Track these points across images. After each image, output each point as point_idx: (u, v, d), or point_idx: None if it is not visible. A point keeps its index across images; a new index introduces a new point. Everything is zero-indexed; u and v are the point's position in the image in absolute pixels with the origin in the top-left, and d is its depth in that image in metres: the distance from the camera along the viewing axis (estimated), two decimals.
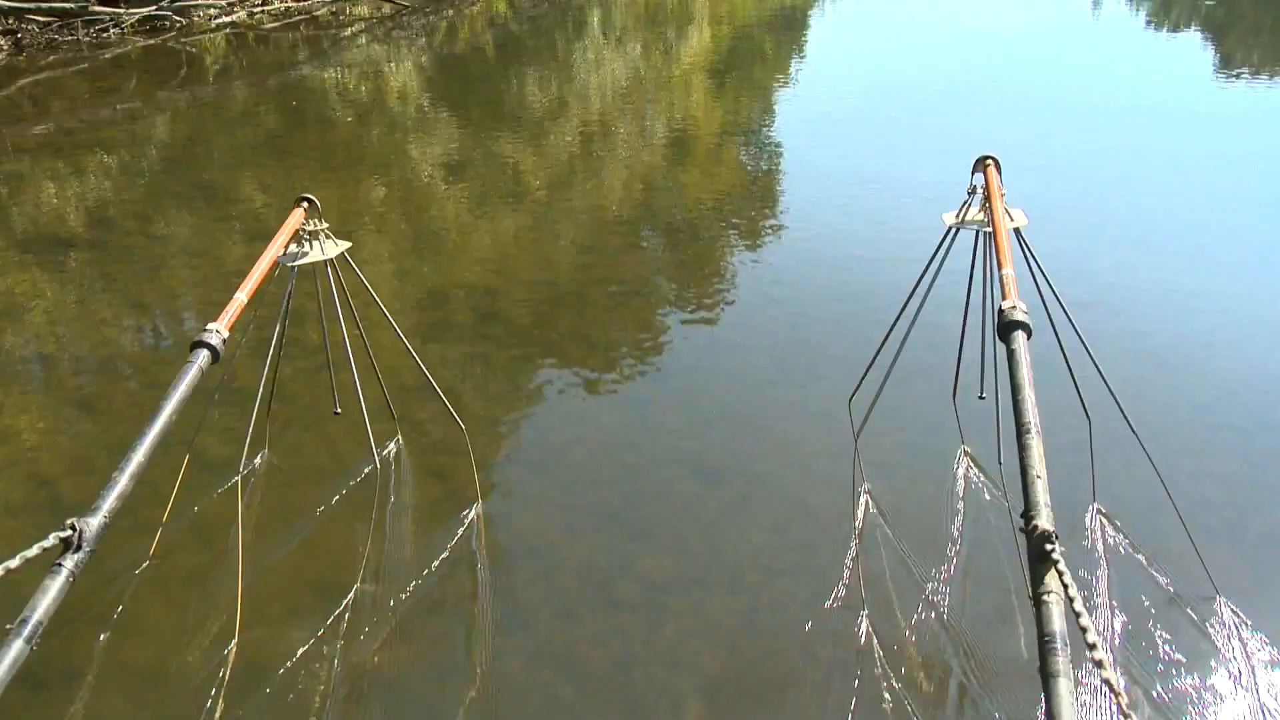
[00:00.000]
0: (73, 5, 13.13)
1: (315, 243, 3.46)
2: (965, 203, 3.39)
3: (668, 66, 12.23)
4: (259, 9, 14.83)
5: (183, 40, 13.40)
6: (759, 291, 5.64)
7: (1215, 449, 4.08)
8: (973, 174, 3.34)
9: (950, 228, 3.45)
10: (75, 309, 5.65)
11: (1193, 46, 13.13)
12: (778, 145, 8.50)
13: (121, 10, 13.58)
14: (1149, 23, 15.12)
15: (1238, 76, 11.04)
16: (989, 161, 3.31)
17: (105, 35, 13.22)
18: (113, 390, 4.81)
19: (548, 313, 5.37)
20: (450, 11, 15.02)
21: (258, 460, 4.03)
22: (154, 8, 13.77)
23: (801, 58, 12.73)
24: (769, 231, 6.51)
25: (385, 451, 4.07)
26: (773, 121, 9.40)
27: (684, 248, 6.26)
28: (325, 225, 3.47)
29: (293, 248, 3.42)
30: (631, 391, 4.64)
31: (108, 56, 12.45)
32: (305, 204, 3.42)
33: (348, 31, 14.27)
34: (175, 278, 6.11)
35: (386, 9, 15.07)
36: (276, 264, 3.27)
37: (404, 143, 9.07)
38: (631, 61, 12.32)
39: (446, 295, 5.62)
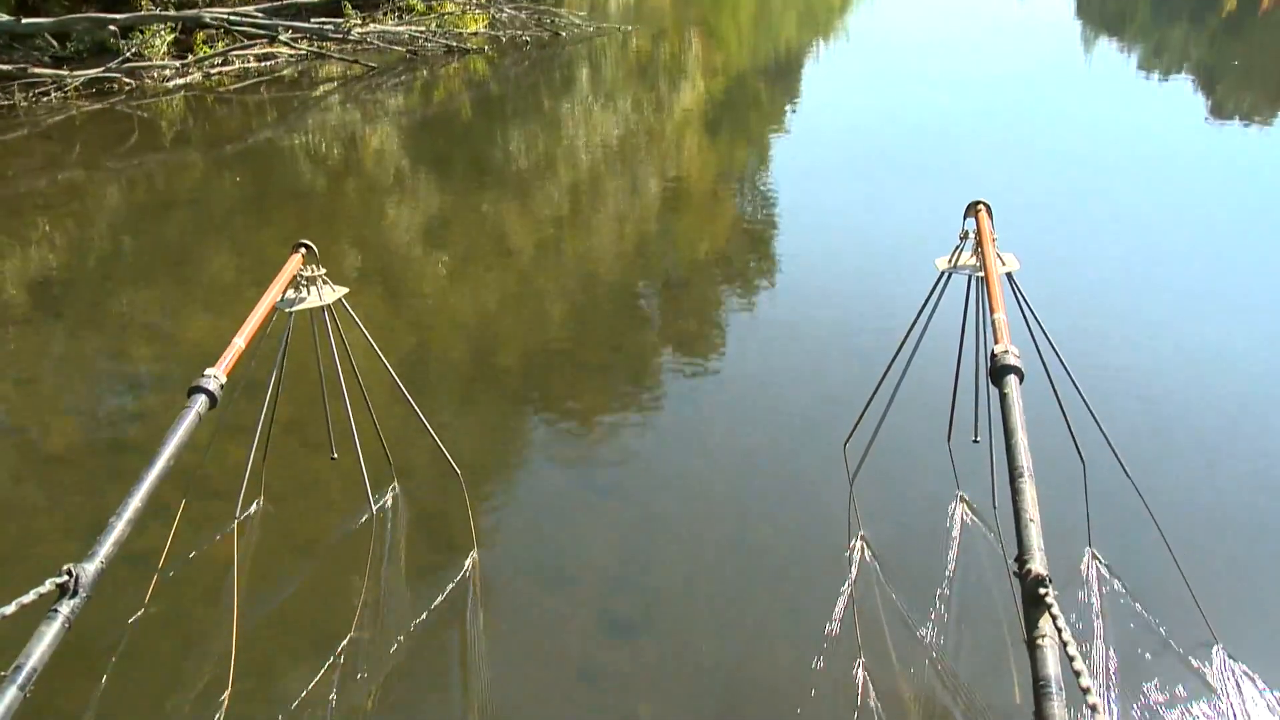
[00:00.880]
0: (10, 68, 12.26)
1: (313, 288, 3.48)
2: (957, 247, 3.43)
3: (660, 120, 12.06)
4: (216, 70, 13.78)
5: (133, 104, 12.26)
6: (752, 336, 5.69)
7: (1212, 493, 4.08)
8: (965, 219, 3.38)
9: (943, 273, 3.48)
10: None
11: (1184, 91, 13.30)
12: (772, 193, 8.56)
13: (65, 72, 12.52)
14: (1140, 68, 15.32)
15: (1229, 121, 11.17)
16: (980, 207, 3.34)
17: (46, 99, 12.09)
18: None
19: (540, 366, 5.39)
20: (425, 71, 14.45)
21: (253, 506, 4.03)
22: (101, 69, 12.72)
23: (795, 105, 12.79)
24: (762, 277, 6.56)
25: (381, 498, 4.08)
26: (767, 169, 9.46)
27: (677, 299, 6.27)
28: (323, 271, 3.49)
29: (290, 293, 3.44)
30: (624, 440, 4.65)
31: (50, 122, 11.46)
32: (303, 249, 3.44)
33: (316, 92, 13.44)
34: (126, 355, 5.80)
35: (356, 69, 14.31)
36: (274, 309, 3.28)
37: (383, 204, 8.75)
38: (622, 116, 12.07)
39: (433, 353, 5.63)
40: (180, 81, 13.26)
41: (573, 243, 7.45)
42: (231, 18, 14.33)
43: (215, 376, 2.69)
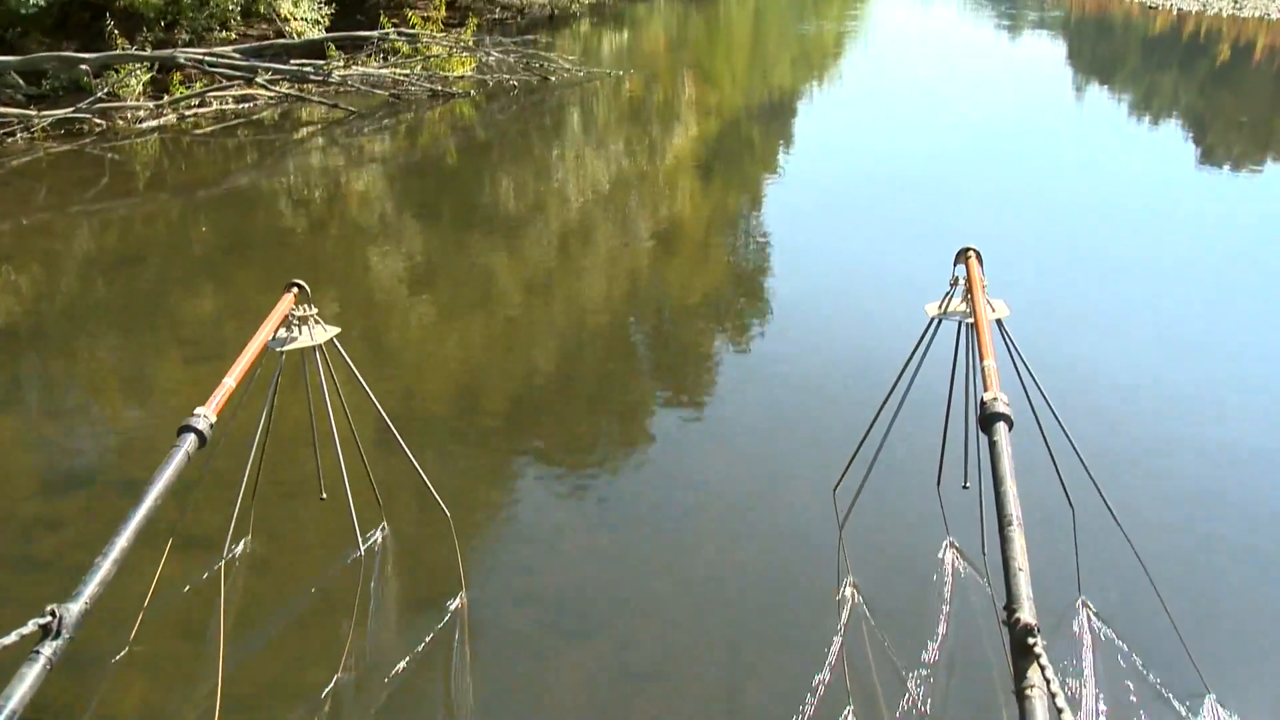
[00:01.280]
0: None
1: (305, 328, 3.49)
2: (948, 294, 3.45)
3: (652, 163, 11.91)
4: (193, 111, 13.26)
5: (104, 146, 11.75)
6: (743, 381, 5.68)
7: (1202, 540, 4.08)
8: (955, 265, 3.41)
9: (933, 319, 3.50)
10: None
11: (1175, 137, 13.45)
12: (764, 237, 8.57)
13: (32, 112, 12.06)
14: (1131, 113, 15.50)
15: (1219, 168, 11.29)
16: (970, 253, 3.37)
17: (11, 140, 11.63)
18: None
19: (529, 409, 5.39)
20: (409, 115, 13.85)
21: (240, 546, 4.01)
22: (70, 110, 12.16)
23: (788, 149, 12.83)
24: (752, 321, 6.56)
25: (370, 538, 4.06)
26: (759, 213, 9.48)
27: (668, 343, 6.29)
28: (315, 310, 3.50)
29: (282, 332, 3.45)
30: (613, 482, 4.63)
31: (15, 164, 10.89)
32: (295, 289, 3.45)
33: (297, 135, 12.91)
34: (87, 411, 5.60)
35: (337, 113, 13.59)
36: (266, 348, 3.29)
37: (366, 250, 8.44)
38: (610, 163, 11.81)
39: (420, 399, 5.60)
40: (154, 123, 12.76)
41: (562, 288, 7.44)
42: (208, 59, 13.90)
43: (205, 416, 2.68)
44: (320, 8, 17.81)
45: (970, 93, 16.91)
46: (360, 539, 3.97)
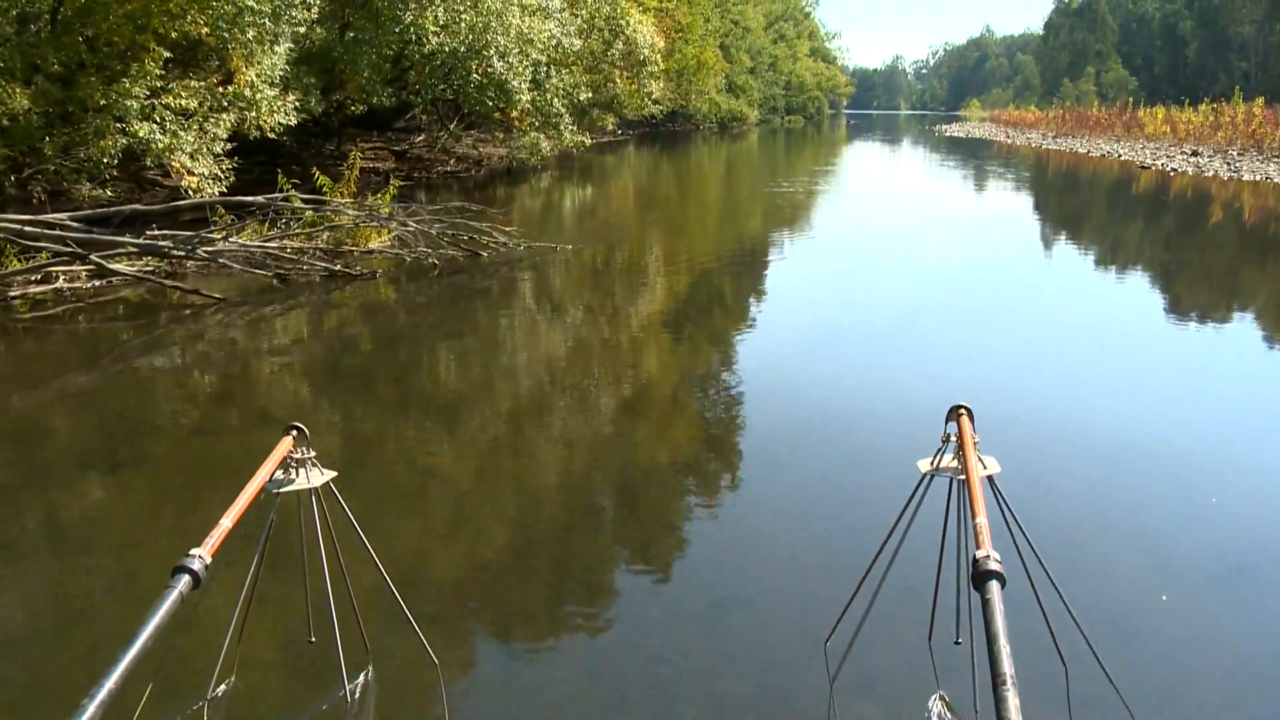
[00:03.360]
0: None
1: (302, 471, 3.54)
2: (939, 450, 3.53)
3: (614, 329, 10.77)
4: (21, 292, 10.69)
5: None
6: (727, 535, 5.62)
7: (1202, 702, 4.03)
8: (946, 423, 3.49)
9: (924, 475, 3.57)
10: None
11: (1142, 288, 13.89)
12: (739, 393, 8.42)
13: None
14: (1097, 266, 16.02)
15: (1191, 319, 11.71)
16: (962, 411, 3.46)
17: None
18: None
19: (508, 577, 5.16)
20: (304, 298, 11.49)
21: (223, 687, 3.94)
22: None
23: (761, 299, 12.79)
24: (726, 483, 6.45)
25: (355, 683, 4.00)
26: (733, 368, 9.34)
27: (637, 511, 6.02)
28: (313, 454, 3.56)
29: (279, 474, 3.50)
30: (597, 640, 4.53)
31: None
32: (294, 432, 3.55)
33: (158, 322, 10.49)
34: None
35: (214, 295, 10.95)
36: (262, 490, 3.32)
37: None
38: (572, 328, 10.60)
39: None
40: None
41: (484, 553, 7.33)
42: (27, 229, 10.89)
43: (200, 556, 2.70)
44: (222, 161, 15.48)
45: (943, 242, 17.46)
46: (347, 684, 3.90)
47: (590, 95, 32.50)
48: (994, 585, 2.37)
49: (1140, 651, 4.35)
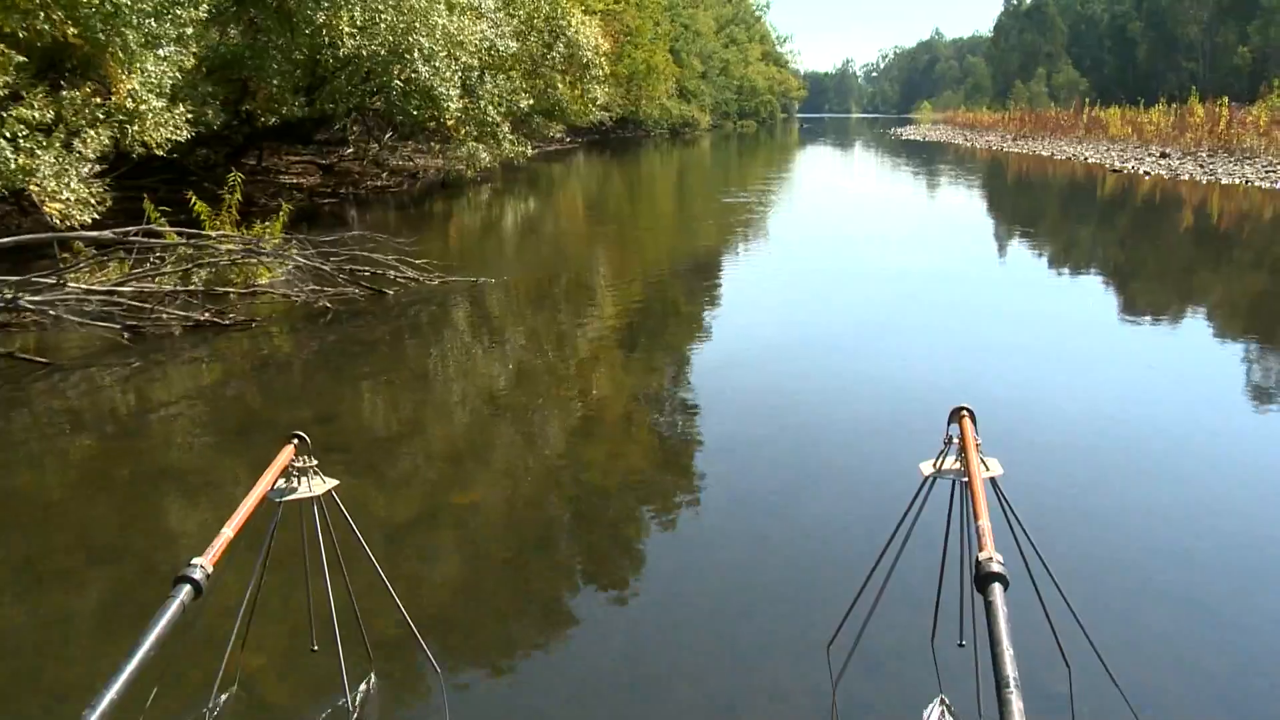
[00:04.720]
0: None
1: (304, 479, 3.52)
2: (942, 452, 3.54)
3: (562, 352, 9.91)
4: None
5: None
6: (729, 540, 5.62)
7: (1207, 704, 4.05)
8: (949, 425, 3.51)
9: (927, 477, 3.58)
10: None
11: (1150, 294, 14.03)
12: (715, 410, 8.10)
13: None
14: (1051, 267, 16.16)
15: (1200, 323, 11.84)
16: (964, 413, 3.49)
17: None
18: None
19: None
20: (169, 355, 9.29)
21: (225, 697, 3.89)
22: None
23: (715, 308, 12.41)
24: (726, 487, 6.43)
25: (358, 692, 3.97)
26: (701, 384, 8.96)
27: (637, 520, 5.93)
28: (315, 463, 3.54)
29: (281, 483, 3.48)
30: (600, 643, 4.54)
31: None
32: (296, 440, 3.52)
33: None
34: None
35: (40, 359, 8.53)
36: (264, 499, 3.29)
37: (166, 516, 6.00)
38: (514, 355, 9.64)
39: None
40: None
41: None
42: None
43: (201, 566, 2.68)
44: (91, 184, 12.86)
45: (901, 245, 17.51)
46: (349, 692, 3.87)
47: (531, 102, 29.96)
48: (997, 587, 2.39)
49: (1144, 653, 4.37)
